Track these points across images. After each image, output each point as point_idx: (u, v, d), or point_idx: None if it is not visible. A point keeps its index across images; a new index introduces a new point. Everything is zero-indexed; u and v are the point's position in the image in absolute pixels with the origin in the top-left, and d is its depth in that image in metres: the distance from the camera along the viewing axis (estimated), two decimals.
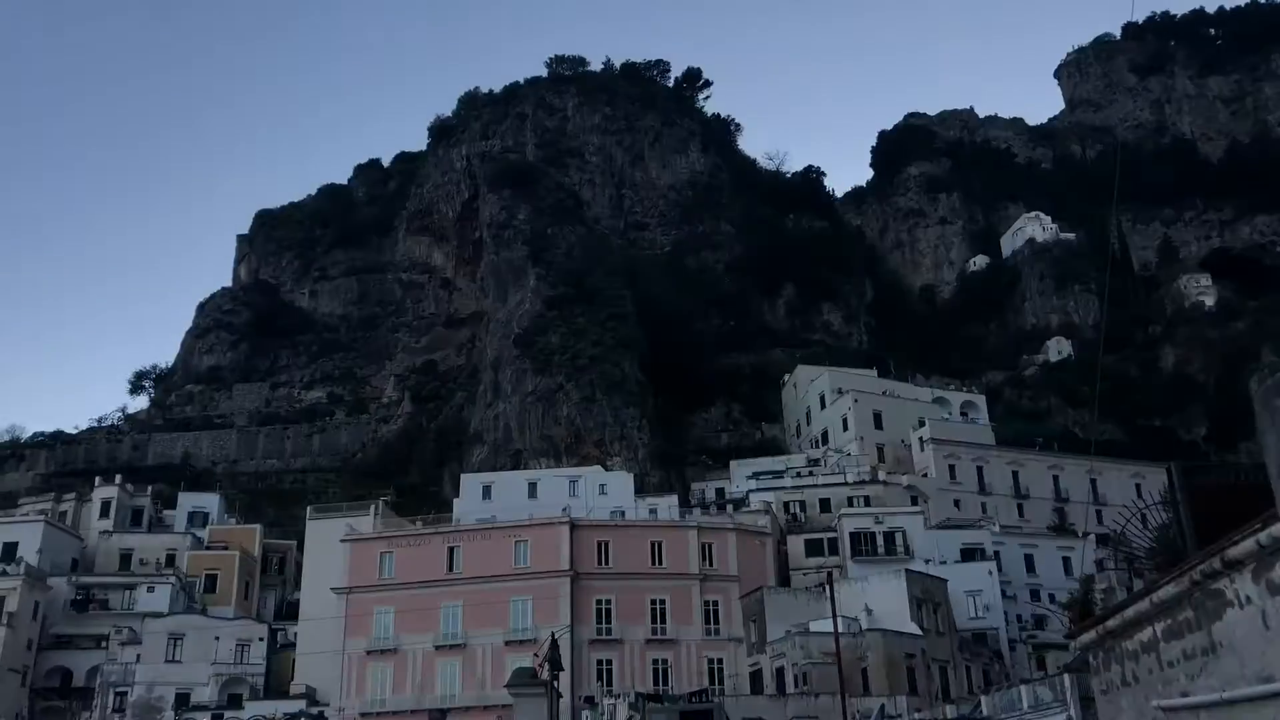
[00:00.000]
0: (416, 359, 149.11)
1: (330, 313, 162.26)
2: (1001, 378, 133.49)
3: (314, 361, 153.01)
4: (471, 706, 65.60)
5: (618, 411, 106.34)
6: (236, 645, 76.94)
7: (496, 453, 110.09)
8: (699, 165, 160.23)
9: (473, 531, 75.37)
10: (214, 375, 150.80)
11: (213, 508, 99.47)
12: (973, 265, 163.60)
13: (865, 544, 79.39)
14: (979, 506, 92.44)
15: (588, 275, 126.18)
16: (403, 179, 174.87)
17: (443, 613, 70.90)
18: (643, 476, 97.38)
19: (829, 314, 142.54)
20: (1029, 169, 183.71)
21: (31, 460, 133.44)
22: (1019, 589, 79.62)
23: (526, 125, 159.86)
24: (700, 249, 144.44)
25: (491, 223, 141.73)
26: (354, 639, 70.72)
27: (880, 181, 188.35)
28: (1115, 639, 14.55)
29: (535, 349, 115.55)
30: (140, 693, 72.95)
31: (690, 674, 69.09)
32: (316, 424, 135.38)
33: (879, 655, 61.00)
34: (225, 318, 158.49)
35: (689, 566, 73.14)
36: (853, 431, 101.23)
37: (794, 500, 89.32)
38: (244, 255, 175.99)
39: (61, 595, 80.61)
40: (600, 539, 73.55)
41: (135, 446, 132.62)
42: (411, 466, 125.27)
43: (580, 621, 69.86)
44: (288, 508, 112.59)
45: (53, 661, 78.17)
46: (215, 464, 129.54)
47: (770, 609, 68.32)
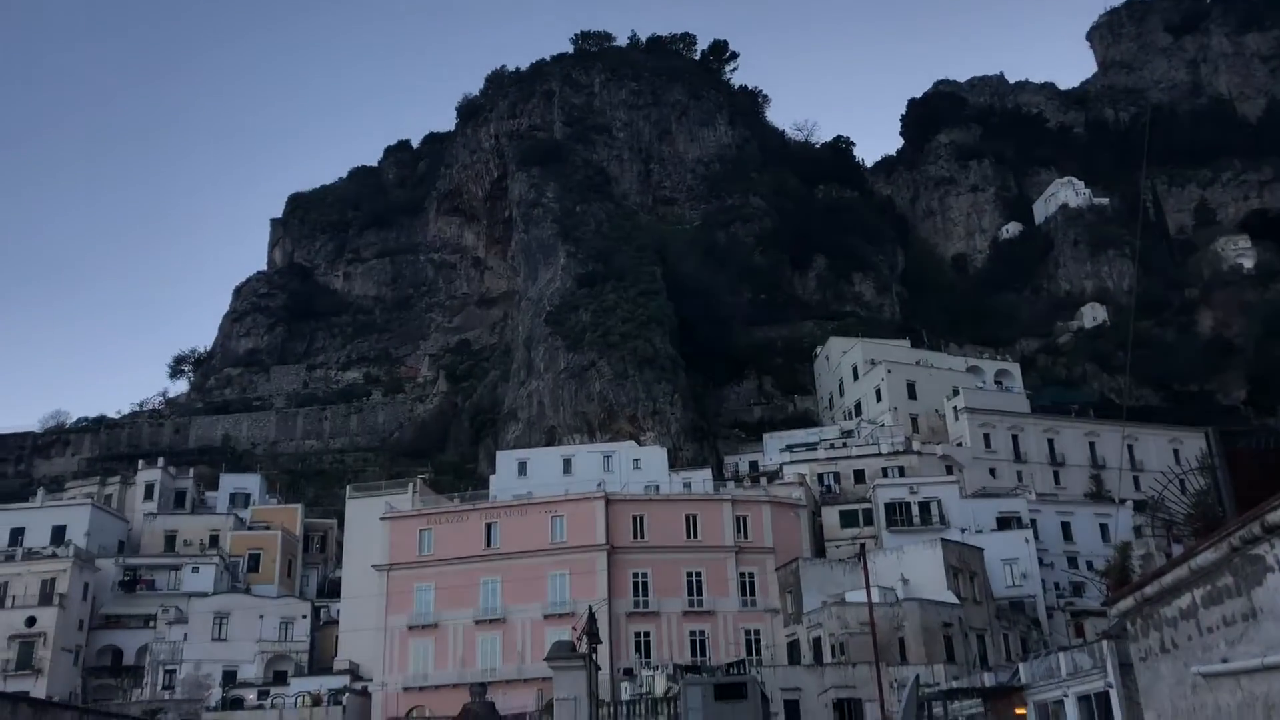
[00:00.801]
0: (450, 338, 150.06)
1: (364, 294, 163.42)
2: (1036, 345, 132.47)
3: (349, 343, 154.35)
4: (512, 680, 66.42)
5: (650, 387, 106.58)
6: (280, 623, 78.31)
7: (531, 430, 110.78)
8: (727, 138, 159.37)
9: (509, 508, 76.09)
10: (252, 358, 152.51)
11: (254, 489, 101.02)
12: (1005, 232, 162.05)
13: (900, 514, 79.46)
14: (1014, 475, 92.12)
15: (617, 252, 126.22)
16: (432, 160, 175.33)
17: (482, 588, 71.77)
18: (676, 451, 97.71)
19: (860, 285, 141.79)
20: (1061, 134, 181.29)
21: (76, 445, 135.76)
22: (1056, 556, 79.43)
23: (553, 102, 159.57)
24: (730, 222, 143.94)
25: (521, 201, 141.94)
26: (395, 615, 71.74)
27: (910, 150, 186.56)
28: (1154, 606, 14.64)
29: (567, 326, 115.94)
30: (188, 670, 74.50)
31: (727, 645, 69.60)
32: (354, 404, 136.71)
33: (915, 624, 61.16)
34: (261, 301, 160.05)
35: (724, 539, 73.55)
36: (886, 402, 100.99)
37: (828, 472, 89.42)
38: (278, 239, 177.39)
39: (109, 576, 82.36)
40: (635, 513, 74.04)
41: (177, 430, 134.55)
42: (448, 444, 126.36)
43: (617, 595, 70.50)
44: (327, 487, 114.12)
45: (103, 641, 79.94)
46: (255, 445, 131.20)
47: (806, 580, 68.62)
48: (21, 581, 76.86)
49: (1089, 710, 43.61)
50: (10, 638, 74.08)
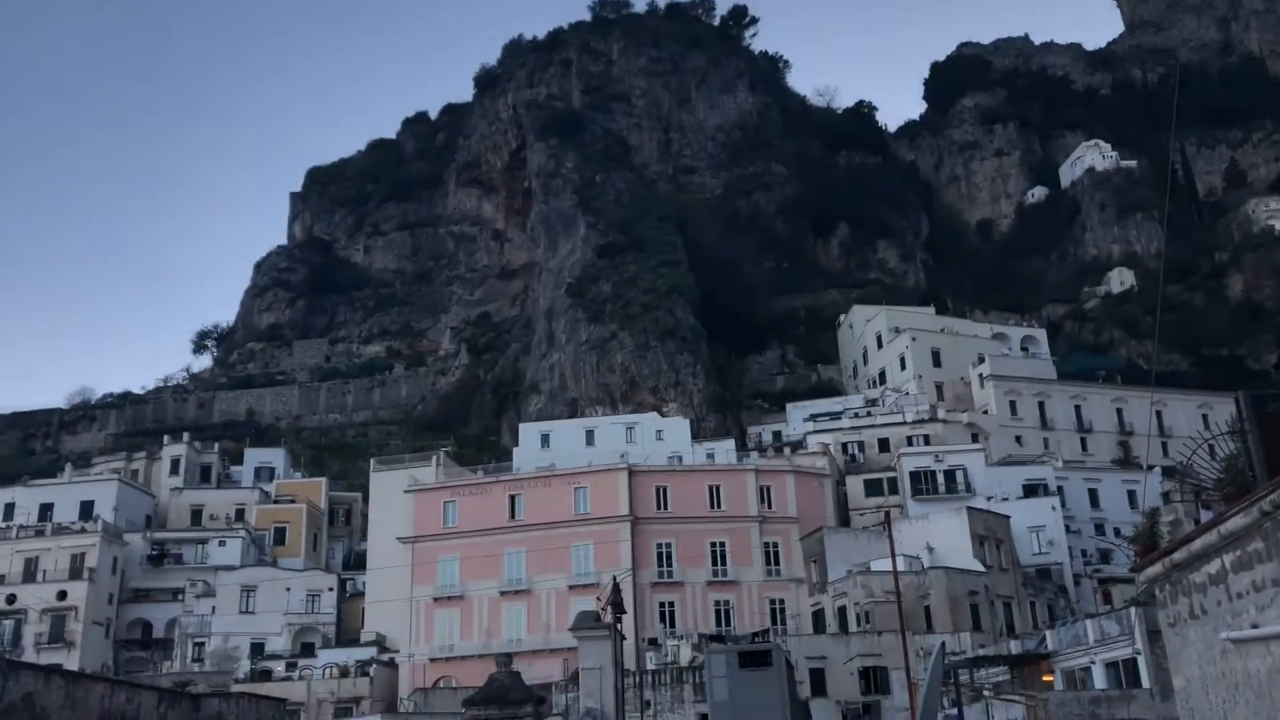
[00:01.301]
0: (471, 311, 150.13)
1: (384, 268, 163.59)
2: (1062, 311, 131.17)
3: (371, 316, 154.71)
4: (538, 650, 66.77)
5: (672, 358, 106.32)
6: (307, 595, 79.04)
7: (553, 402, 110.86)
8: (747, 105, 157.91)
9: (533, 479, 76.28)
10: (274, 333, 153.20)
11: (278, 463, 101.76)
12: (1031, 197, 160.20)
13: (925, 483, 79.14)
14: (1041, 442, 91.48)
15: (637, 222, 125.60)
16: (450, 131, 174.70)
17: (506, 559, 72.10)
18: (699, 422, 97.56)
19: (884, 252, 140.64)
20: (1087, 96, 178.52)
21: (102, 421, 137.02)
22: (1083, 524, 78.95)
23: (571, 71, 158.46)
24: (751, 191, 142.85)
25: (540, 172, 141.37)
26: (421, 586, 72.20)
27: (934, 114, 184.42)
28: (1182, 572, 14.34)
29: (587, 298, 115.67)
30: (217, 643, 75.38)
31: (752, 614, 69.72)
32: (376, 378, 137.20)
33: (941, 592, 61.00)
34: (282, 275, 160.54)
35: (748, 509, 73.50)
36: (911, 370, 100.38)
37: (852, 441, 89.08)
38: (298, 213, 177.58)
39: (137, 551, 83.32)
40: (658, 484, 74.07)
41: (201, 405, 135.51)
42: (470, 417, 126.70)
43: (641, 565, 70.66)
44: (351, 460, 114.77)
45: (133, 614, 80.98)
46: (279, 420, 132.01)
47: (831, 549, 68.55)
48: (52, 556, 77.89)
49: (1116, 677, 43.38)
50: (42, 611, 75.14)
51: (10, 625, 74.86)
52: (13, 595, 75.56)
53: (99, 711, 23.61)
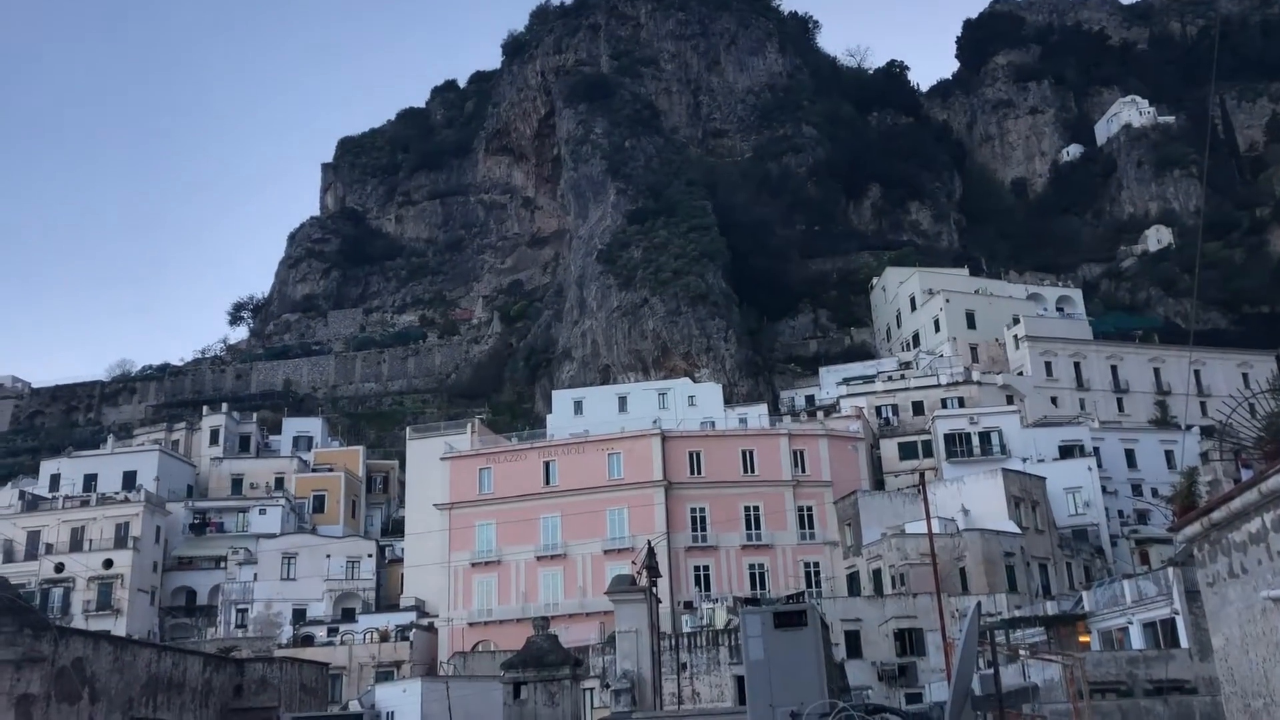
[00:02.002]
0: (503, 279, 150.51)
1: (416, 237, 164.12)
2: (1098, 270, 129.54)
3: (404, 286, 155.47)
4: (574, 614, 67.49)
5: (703, 323, 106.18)
6: (347, 562, 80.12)
7: (585, 368, 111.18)
8: (777, 67, 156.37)
9: (567, 445, 76.72)
10: (309, 303, 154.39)
11: (316, 432, 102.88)
12: (1066, 155, 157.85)
13: (960, 445, 78.88)
14: (1077, 403, 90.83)
15: (667, 187, 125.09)
16: (479, 99, 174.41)
17: (542, 524, 72.75)
18: (731, 387, 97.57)
19: (917, 213, 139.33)
20: (1124, 51, 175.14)
21: (142, 392, 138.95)
22: (1120, 484, 78.48)
23: (599, 36, 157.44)
24: (781, 153, 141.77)
25: (569, 139, 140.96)
26: (458, 552, 73.04)
27: (966, 73, 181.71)
28: (1221, 531, 14.28)
29: (618, 264, 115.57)
30: (259, 609, 76.69)
31: (787, 578, 70.03)
32: (410, 347, 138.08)
33: (976, 554, 60.96)
34: (316, 246, 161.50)
35: (781, 473, 73.63)
36: (944, 332, 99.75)
37: (886, 404, 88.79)
38: (330, 184, 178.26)
39: (180, 520, 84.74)
40: (691, 449, 74.32)
41: (238, 375, 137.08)
42: (504, 385, 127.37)
43: (675, 529, 71.05)
44: (387, 428, 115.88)
45: (177, 582, 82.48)
46: (316, 389, 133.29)
47: (865, 512, 68.62)
48: (97, 525, 79.42)
49: (1154, 637, 43.26)
50: (90, 579, 76.73)
51: (59, 593, 76.50)
52: (61, 564, 77.18)
53: (146, 676, 24.24)
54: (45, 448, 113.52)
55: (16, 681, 17.97)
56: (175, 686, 25.36)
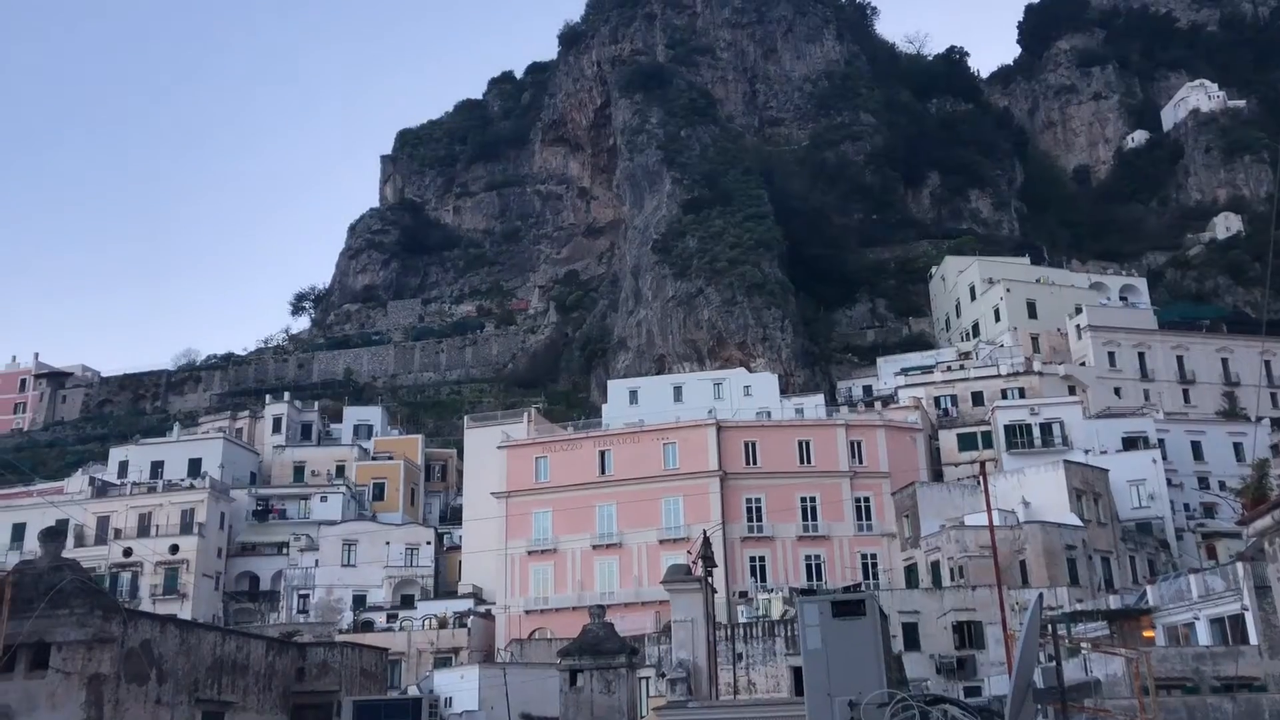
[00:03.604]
0: (559, 269, 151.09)
1: (474, 228, 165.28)
2: (1164, 259, 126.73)
3: (461, 276, 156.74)
4: (630, 603, 67.73)
5: (759, 313, 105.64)
6: (406, 549, 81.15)
7: (640, 358, 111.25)
8: (834, 54, 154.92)
9: (622, 435, 76.96)
10: (369, 294, 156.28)
11: (376, 420, 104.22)
12: (1131, 141, 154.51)
13: (1020, 436, 77.83)
14: (1141, 394, 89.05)
15: (723, 176, 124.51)
16: (535, 90, 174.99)
17: (597, 513, 73.08)
18: (787, 377, 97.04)
19: (977, 201, 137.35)
20: (1192, 34, 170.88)
21: (207, 381, 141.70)
22: (1186, 477, 76.90)
23: (655, 25, 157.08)
24: (839, 141, 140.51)
25: (624, 129, 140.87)
26: (515, 540, 73.64)
27: (1028, 58, 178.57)
28: None
29: (673, 254, 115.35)
30: (321, 595, 77.99)
31: (843, 569, 69.66)
32: (468, 337, 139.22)
33: (1037, 547, 60.16)
34: (375, 237, 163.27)
35: (838, 464, 73.24)
36: (1005, 322, 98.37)
37: (945, 395, 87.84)
38: (389, 175, 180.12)
39: (243, 506, 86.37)
40: (747, 439, 74.16)
41: (300, 365, 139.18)
42: (559, 374, 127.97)
43: (731, 520, 70.97)
44: (446, 418, 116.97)
45: (240, 567, 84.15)
46: (375, 379, 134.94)
47: (923, 504, 68.00)
48: (164, 512, 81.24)
49: (1221, 632, 42.39)
50: (157, 564, 78.55)
51: (128, 577, 78.42)
52: (129, 549, 79.09)
53: (211, 658, 24.75)
54: (114, 435, 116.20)
55: (88, 661, 18.46)
56: (239, 669, 25.87)
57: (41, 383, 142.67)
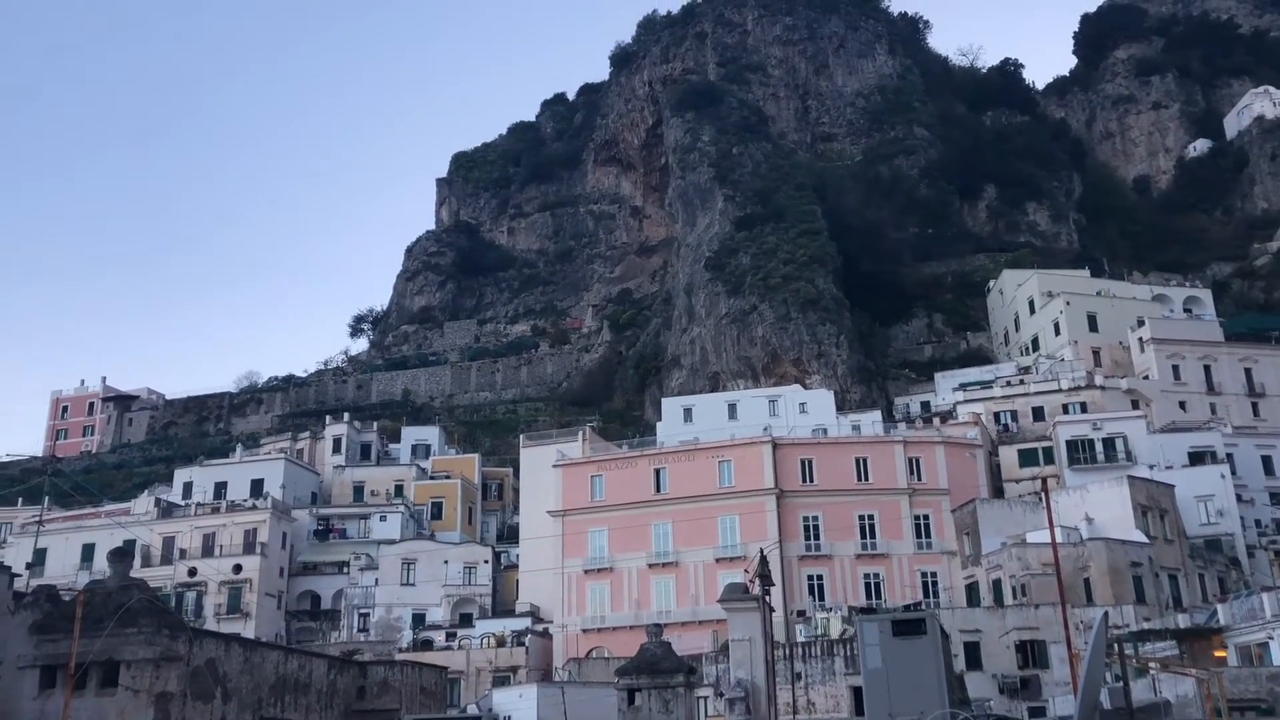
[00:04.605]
0: (612, 288, 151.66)
1: (528, 248, 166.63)
2: (1229, 269, 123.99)
3: (516, 297, 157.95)
4: (686, 622, 67.40)
5: (814, 329, 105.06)
6: (464, 567, 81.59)
7: (694, 376, 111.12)
8: (887, 69, 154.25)
9: (677, 453, 76.80)
10: (426, 315, 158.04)
11: (433, 440, 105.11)
12: (1192, 150, 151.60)
13: (1083, 451, 76.46)
14: (1207, 407, 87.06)
15: (775, 192, 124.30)
16: (588, 111, 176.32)
17: (653, 531, 72.94)
18: (843, 393, 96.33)
19: (1034, 214, 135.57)
20: (1255, 40, 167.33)
21: (268, 403, 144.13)
22: (1256, 492, 74.96)
23: (706, 44, 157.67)
24: (892, 155, 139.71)
25: (676, 147, 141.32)
26: (571, 559, 73.72)
27: (1085, 69, 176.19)
28: None
29: (727, 271, 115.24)
30: (380, 613, 78.62)
31: (903, 587, 68.80)
32: (523, 356, 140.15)
33: (1101, 564, 58.96)
34: (432, 259, 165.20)
35: (896, 481, 72.46)
36: (1065, 336, 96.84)
37: (1004, 410, 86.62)
38: (444, 198, 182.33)
39: (304, 526, 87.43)
40: (803, 456, 73.66)
41: (359, 386, 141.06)
42: (614, 393, 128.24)
43: (788, 538, 70.46)
44: (501, 436, 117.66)
45: (302, 586, 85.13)
46: (433, 399, 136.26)
47: (984, 521, 66.99)
48: (227, 532, 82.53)
49: None
50: (220, 583, 79.80)
51: (193, 596, 79.72)
52: (194, 568, 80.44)
53: (274, 677, 25.04)
54: (178, 457, 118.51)
55: (156, 679, 18.80)
56: (301, 688, 26.13)
57: (109, 406, 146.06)
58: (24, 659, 18.83)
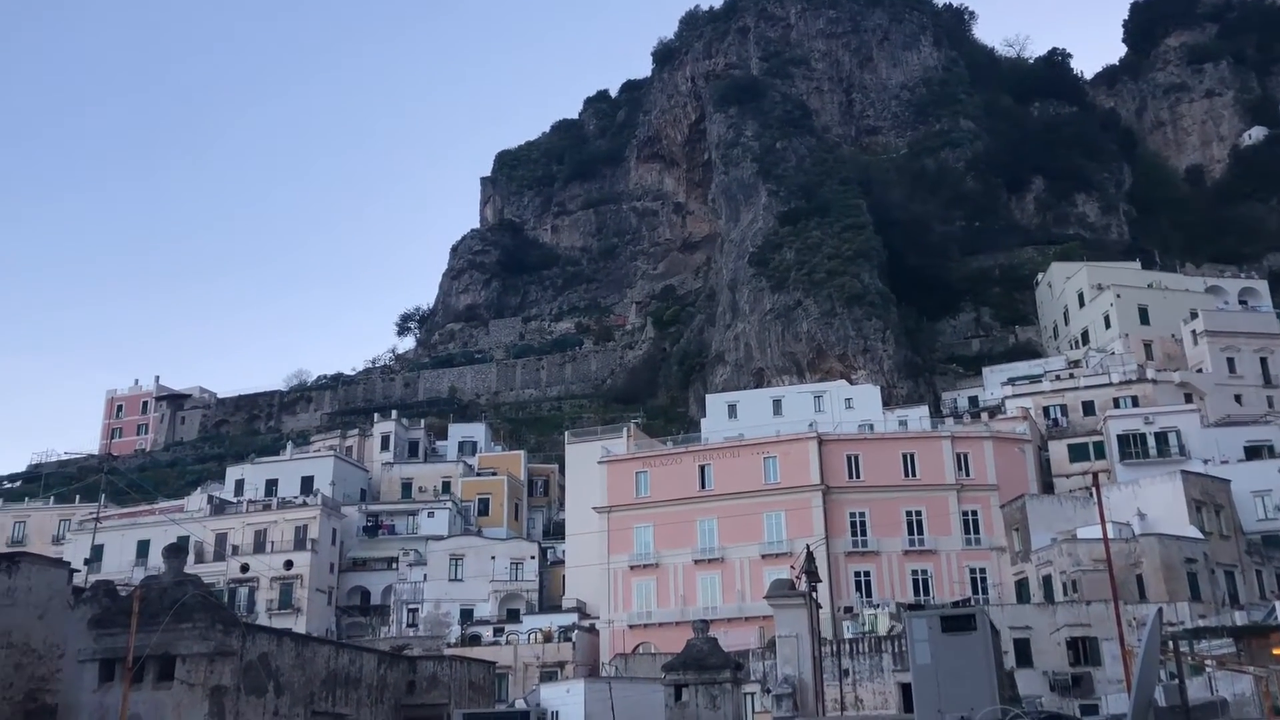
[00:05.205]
0: (656, 285, 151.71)
1: (571, 246, 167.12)
2: None
3: (560, 294, 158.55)
4: (733, 618, 67.31)
5: (859, 324, 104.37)
6: (511, 563, 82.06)
7: (739, 372, 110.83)
8: (932, 60, 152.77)
9: (722, 449, 76.66)
10: (471, 313, 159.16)
11: (480, 437, 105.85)
12: (1248, 138, 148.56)
13: (1134, 446, 75.26)
14: (1264, 401, 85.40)
15: (819, 187, 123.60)
16: (630, 107, 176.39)
17: (698, 527, 72.89)
18: (889, 389, 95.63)
19: (1083, 206, 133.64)
20: None
21: (317, 401, 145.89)
22: None
23: (749, 39, 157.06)
24: (938, 148, 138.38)
25: (719, 143, 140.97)
26: (617, 555, 73.88)
27: (1135, 57, 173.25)
28: None
29: (770, 266, 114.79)
30: (429, 609, 79.30)
31: (951, 583, 68.27)
32: (567, 354, 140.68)
33: (1154, 560, 58.06)
34: (476, 258, 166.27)
35: (944, 477, 71.84)
36: (1116, 329, 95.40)
37: (1054, 404, 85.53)
38: (488, 197, 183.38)
39: (354, 522, 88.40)
40: (849, 452, 73.23)
41: (406, 384, 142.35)
42: (658, 389, 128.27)
43: (834, 534, 70.14)
44: (547, 433, 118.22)
45: (352, 582, 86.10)
46: (479, 396, 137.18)
47: (1033, 517, 66.24)
48: (279, 528, 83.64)
49: None
50: (272, 579, 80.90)
51: (245, 592, 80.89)
52: (246, 564, 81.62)
53: (325, 671, 25.39)
54: (230, 454, 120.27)
55: (210, 673, 19.12)
56: (352, 682, 26.47)
57: (162, 405, 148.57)
58: (84, 653, 19.25)
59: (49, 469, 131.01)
